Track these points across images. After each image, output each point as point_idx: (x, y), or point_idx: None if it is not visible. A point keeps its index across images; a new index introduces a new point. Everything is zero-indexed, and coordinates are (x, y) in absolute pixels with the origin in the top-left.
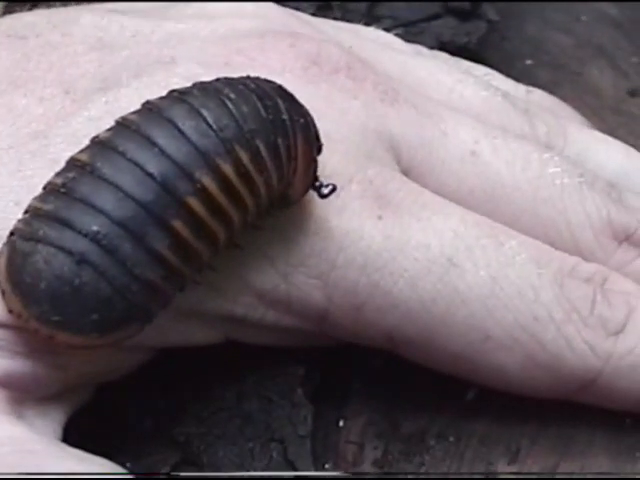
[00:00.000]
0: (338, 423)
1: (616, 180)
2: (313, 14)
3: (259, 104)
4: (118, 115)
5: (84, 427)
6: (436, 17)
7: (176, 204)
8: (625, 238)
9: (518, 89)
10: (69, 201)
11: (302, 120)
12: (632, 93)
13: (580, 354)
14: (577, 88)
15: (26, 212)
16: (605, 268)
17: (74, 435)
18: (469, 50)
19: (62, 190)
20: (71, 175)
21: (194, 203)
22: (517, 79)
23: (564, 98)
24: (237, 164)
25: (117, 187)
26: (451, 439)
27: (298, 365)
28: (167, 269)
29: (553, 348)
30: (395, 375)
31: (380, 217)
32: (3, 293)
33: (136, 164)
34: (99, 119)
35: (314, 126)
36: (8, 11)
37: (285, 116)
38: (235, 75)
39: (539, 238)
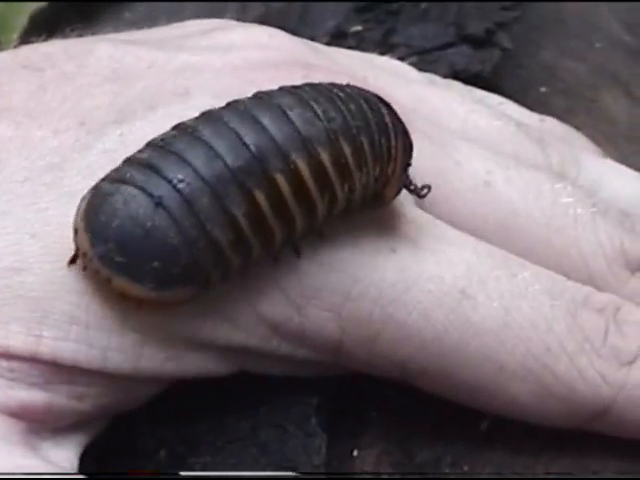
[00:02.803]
0: (352, 453)
1: (630, 209)
2: (328, 43)
3: (365, 106)
4: (133, 147)
5: (100, 457)
6: (450, 45)
7: (263, 176)
8: (638, 267)
9: (532, 118)
10: (163, 152)
11: (401, 126)
12: None
13: (592, 384)
14: (592, 116)
15: (123, 161)
16: (618, 298)
17: (91, 465)
18: (483, 78)
19: (160, 144)
20: (172, 133)
21: (281, 180)
22: (532, 107)
23: (579, 126)
24: (338, 155)
25: (210, 147)
26: (465, 468)
27: (312, 394)
28: (237, 234)
29: (566, 378)
30: (409, 404)
31: (394, 250)
32: (76, 232)
33: (236, 133)
34: (114, 151)
35: (409, 133)
36: (24, 41)
37: (387, 120)
38: None
39: (552, 267)
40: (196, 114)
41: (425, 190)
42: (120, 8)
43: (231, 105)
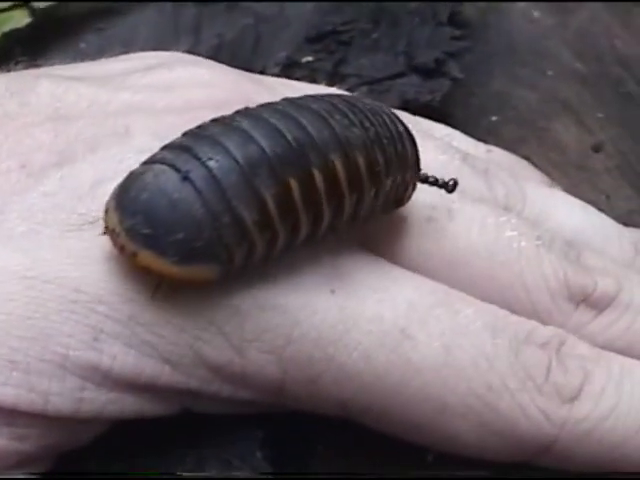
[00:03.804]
0: None
1: (575, 239)
2: (279, 73)
3: (385, 117)
4: (74, 190)
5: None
6: (400, 75)
7: (299, 167)
8: (583, 299)
9: (478, 149)
10: (197, 136)
11: (411, 135)
12: (596, 149)
13: (535, 422)
14: (542, 144)
15: (160, 148)
16: (562, 332)
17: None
18: (434, 107)
19: (195, 130)
20: (208, 123)
21: (317, 175)
22: (483, 136)
23: (529, 154)
24: (371, 161)
25: (247, 133)
26: None
27: (257, 428)
28: (263, 215)
29: (508, 416)
30: (357, 434)
31: (334, 290)
32: (106, 212)
33: (275, 128)
34: (54, 195)
35: (416, 141)
36: None
37: (401, 129)
38: None
39: (498, 302)
40: (137, 155)
41: (451, 183)
42: (75, 39)
43: (268, 105)
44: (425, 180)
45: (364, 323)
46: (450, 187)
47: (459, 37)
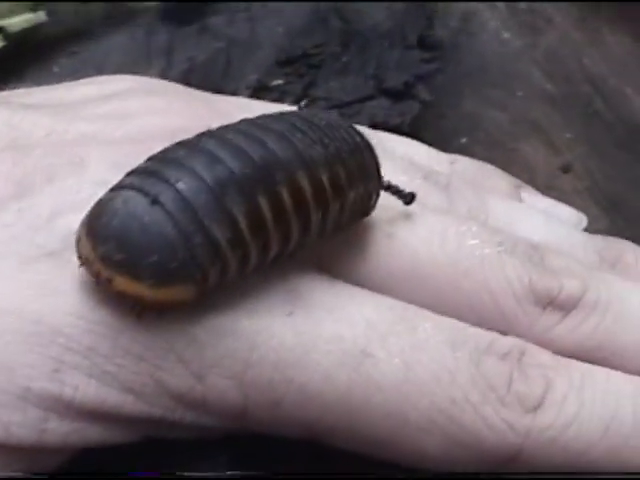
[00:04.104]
0: None
1: (539, 241)
2: (250, 96)
3: (344, 131)
4: (32, 222)
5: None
6: (370, 98)
7: (266, 186)
8: (549, 302)
9: (441, 162)
10: (163, 160)
11: (369, 144)
12: (564, 169)
13: (499, 433)
14: (512, 165)
15: (125, 174)
16: (522, 341)
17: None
18: (403, 130)
19: (160, 155)
20: (172, 147)
21: (284, 193)
22: None
23: None
24: (334, 176)
25: (213, 154)
26: None
27: (222, 451)
28: (235, 233)
29: (472, 429)
30: (325, 458)
31: (291, 313)
32: (78, 240)
33: (241, 148)
34: (13, 225)
35: (375, 152)
36: None
37: (358, 139)
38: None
39: (464, 312)
40: (94, 187)
41: (410, 196)
42: (49, 63)
43: (231, 127)
44: (387, 188)
45: (323, 344)
46: (408, 198)
47: (429, 59)
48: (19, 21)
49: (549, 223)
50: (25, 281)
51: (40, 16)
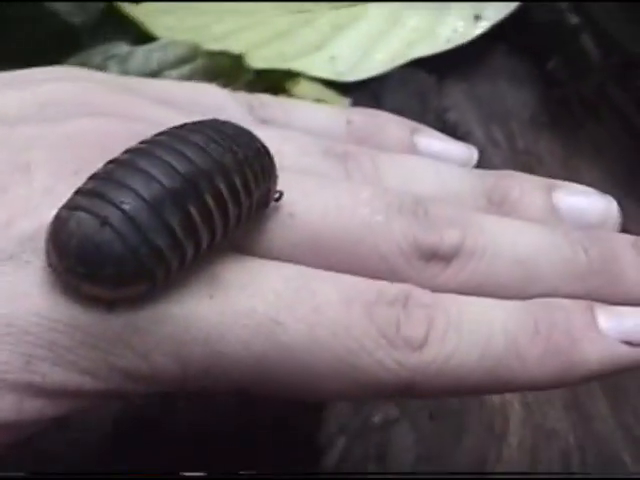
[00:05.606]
0: None
1: (427, 194)
2: None
3: (247, 138)
4: None
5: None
6: None
7: (195, 196)
8: (432, 255)
9: (339, 123)
10: (106, 181)
11: (267, 148)
12: None
13: (392, 371)
14: None
15: (74, 193)
16: (407, 286)
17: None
18: None
19: (102, 175)
20: (111, 166)
21: (209, 199)
22: None
23: None
24: (245, 179)
25: (148, 174)
26: None
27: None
28: (173, 240)
29: (371, 372)
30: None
31: (212, 296)
32: (47, 253)
33: (170, 165)
34: None
35: (271, 154)
36: None
37: (259, 144)
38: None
39: (361, 273)
40: (42, 196)
41: (277, 195)
42: None
43: (156, 142)
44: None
45: (241, 319)
46: (275, 197)
47: None
48: None
49: (439, 172)
50: None
51: None
